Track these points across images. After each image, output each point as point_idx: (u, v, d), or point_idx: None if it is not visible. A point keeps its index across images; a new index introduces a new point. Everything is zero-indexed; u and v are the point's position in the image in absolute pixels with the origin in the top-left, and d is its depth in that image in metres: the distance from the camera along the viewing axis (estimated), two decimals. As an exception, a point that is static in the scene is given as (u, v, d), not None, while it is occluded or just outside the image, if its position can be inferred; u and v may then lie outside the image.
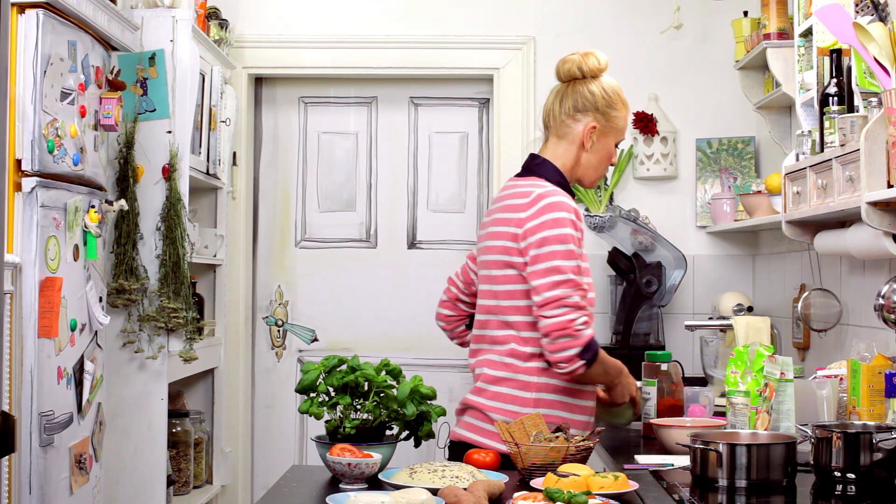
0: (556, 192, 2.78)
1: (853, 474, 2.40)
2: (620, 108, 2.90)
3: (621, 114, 2.90)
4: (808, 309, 3.55)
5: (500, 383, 2.80)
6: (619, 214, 4.39)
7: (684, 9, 4.57)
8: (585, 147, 2.88)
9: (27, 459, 2.81)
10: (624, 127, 2.93)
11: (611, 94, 2.88)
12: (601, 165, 2.92)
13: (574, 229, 2.74)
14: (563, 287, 2.68)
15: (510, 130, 4.67)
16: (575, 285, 2.69)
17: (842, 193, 2.87)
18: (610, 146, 2.92)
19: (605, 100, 2.87)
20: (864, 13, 2.88)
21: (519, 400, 2.78)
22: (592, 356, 2.69)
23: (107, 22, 3.23)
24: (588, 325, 2.69)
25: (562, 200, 2.76)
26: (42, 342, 2.85)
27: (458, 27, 4.72)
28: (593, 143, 2.87)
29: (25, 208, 2.82)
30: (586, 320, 2.69)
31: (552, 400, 2.78)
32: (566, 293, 2.68)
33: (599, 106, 2.87)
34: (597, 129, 2.87)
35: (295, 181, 4.90)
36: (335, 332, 4.86)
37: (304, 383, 2.68)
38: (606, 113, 2.87)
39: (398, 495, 2.16)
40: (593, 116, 2.87)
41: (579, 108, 2.87)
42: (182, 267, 3.66)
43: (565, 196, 2.79)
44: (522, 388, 2.78)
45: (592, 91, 2.87)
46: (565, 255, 2.70)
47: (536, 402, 2.77)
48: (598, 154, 2.90)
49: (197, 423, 4.20)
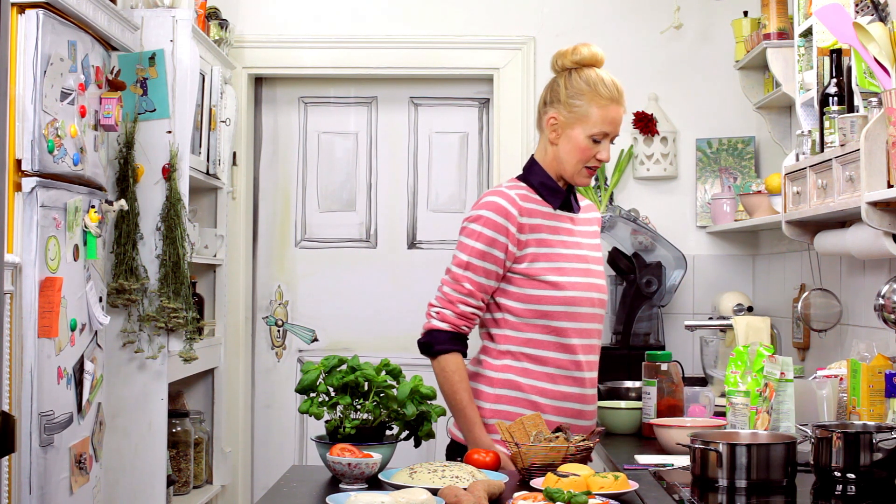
0: (496, 193, 2.83)
1: (853, 474, 2.40)
2: (590, 99, 2.79)
3: (589, 104, 2.79)
4: (808, 309, 3.55)
5: (473, 379, 2.85)
6: (619, 214, 4.39)
7: (684, 9, 4.57)
8: (550, 139, 2.86)
9: (27, 459, 2.81)
10: (596, 118, 2.79)
11: (578, 84, 2.80)
12: (572, 158, 2.82)
13: (492, 229, 2.77)
14: (446, 275, 2.83)
15: (510, 130, 4.67)
16: (453, 278, 2.80)
17: (842, 193, 2.87)
18: (578, 138, 2.81)
19: (568, 90, 2.81)
20: (864, 13, 2.88)
21: (483, 395, 2.82)
22: (424, 346, 2.80)
23: (107, 22, 3.23)
24: (442, 317, 2.78)
25: (492, 200, 2.80)
26: (42, 342, 2.85)
27: (458, 27, 4.72)
28: (557, 134, 2.83)
29: (25, 208, 2.82)
30: (441, 311, 2.78)
31: (515, 397, 2.79)
32: (444, 281, 2.83)
33: (562, 97, 2.82)
34: (558, 120, 2.83)
35: (295, 181, 4.90)
36: (335, 332, 4.86)
37: (304, 383, 2.68)
38: (568, 103, 2.81)
39: (398, 495, 2.15)
40: (556, 108, 2.83)
41: (546, 101, 2.87)
42: (182, 267, 3.66)
43: (504, 198, 2.80)
44: (488, 385, 2.82)
45: (559, 82, 2.85)
46: (462, 248, 2.81)
47: (497, 398, 2.80)
48: (565, 147, 2.83)
49: (197, 423, 4.20)
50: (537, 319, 2.79)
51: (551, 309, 2.78)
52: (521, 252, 2.78)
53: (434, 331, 2.79)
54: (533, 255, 2.78)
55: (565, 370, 2.81)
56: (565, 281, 2.79)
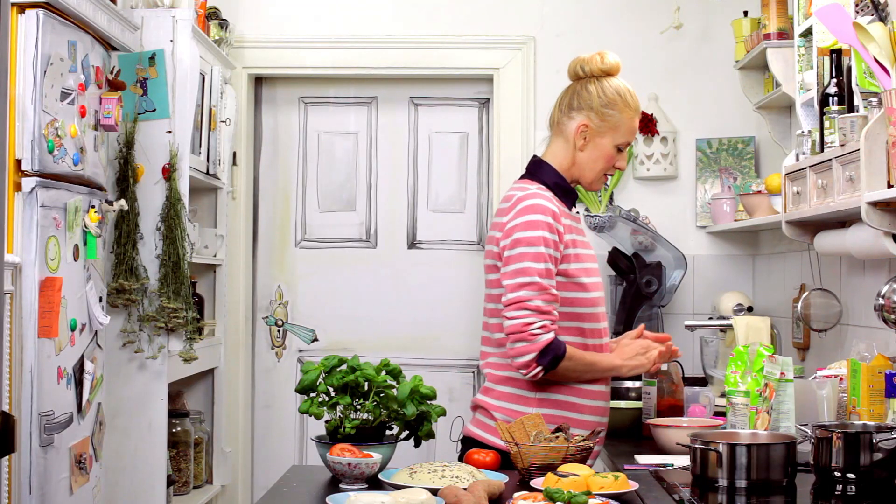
0: (535, 195, 2.79)
1: (853, 474, 2.40)
2: (621, 109, 2.84)
3: (620, 115, 2.84)
4: (808, 309, 3.55)
5: (505, 383, 2.82)
6: (619, 214, 4.38)
7: (684, 9, 4.57)
8: (577, 146, 2.86)
9: (27, 459, 2.81)
10: (625, 128, 2.86)
11: (610, 93, 2.85)
12: (596, 166, 2.87)
13: (549, 232, 2.74)
14: (527, 289, 2.70)
15: (510, 130, 4.67)
16: (539, 288, 2.70)
17: (842, 193, 2.87)
18: (606, 147, 2.86)
19: (601, 99, 2.84)
20: (864, 13, 2.88)
21: (523, 399, 2.79)
22: (551, 361, 2.70)
23: (107, 22, 3.23)
24: (547, 329, 2.69)
25: (538, 203, 2.76)
26: (42, 342, 2.85)
27: (458, 27, 4.72)
28: (585, 142, 2.85)
29: (25, 208, 2.82)
30: (545, 324, 2.69)
31: (557, 400, 2.79)
32: (528, 296, 2.70)
33: (594, 105, 2.84)
34: (589, 127, 2.84)
35: (295, 181, 4.90)
36: (335, 332, 4.86)
37: (304, 383, 2.68)
38: (601, 112, 2.84)
39: (398, 495, 2.16)
40: (587, 115, 2.84)
41: (574, 107, 2.87)
42: (182, 267, 3.66)
43: (545, 199, 2.78)
44: (526, 388, 2.79)
45: (589, 90, 2.86)
46: (534, 258, 2.72)
47: (540, 401, 2.78)
48: (591, 154, 2.86)
49: (197, 423, 4.20)
50: (569, 322, 2.79)
51: (582, 311, 2.80)
52: (565, 253, 2.78)
53: (550, 344, 2.70)
54: (570, 255, 2.79)
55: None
56: (590, 282, 2.82)
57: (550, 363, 2.70)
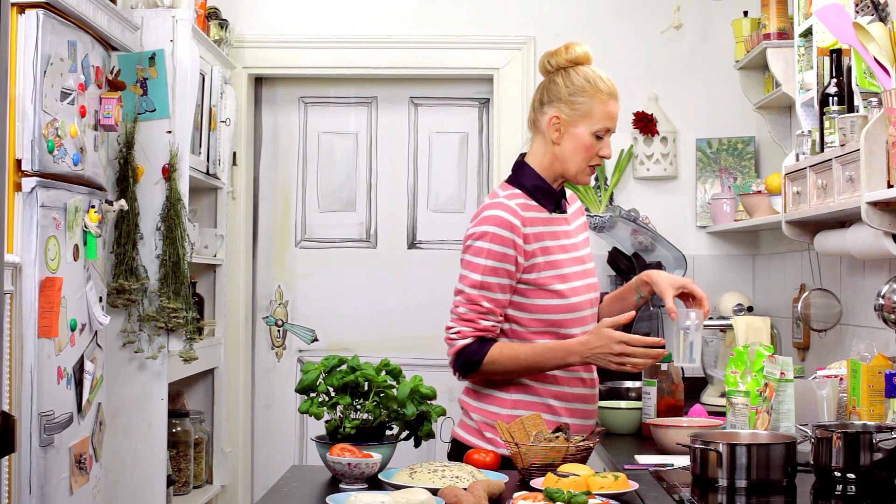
0: (496, 206, 2.77)
1: (853, 474, 2.40)
2: (591, 95, 2.76)
3: (591, 101, 2.76)
4: (808, 309, 3.55)
5: (482, 383, 2.83)
6: (619, 214, 4.38)
7: (684, 9, 4.57)
8: (553, 139, 2.80)
9: (27, 459, 2.81)
10: (599, 114, 2.77)
11: (577, 81, 2.78)
12: (577, 157, 2.79)
13: (499, 244, 2.72)
14: (458, 296, 2.78)
15: (510, 130, 4.67)
16: (466, 298, 2.74)
17: (842, 193, 2.87)
18: (582, 136, 2.78)
19: (568, 88, 2.78)
20: (864, 13, 2.88)
21: (498, 401, 2.80)
22: (463, 365, 2.75)
23: (107, 22, 3.23)
24: (463, 335, 2.73)
25: (495, 214, 2.75)
26: (42, 342, 2.85)
27: (458, 27, 4.72)
28: (559, 133, 2.79)
29: (25, 208, 2.82)
30: (461, 330, 2.73)
31: (531, 401, 2.78)
32: (456, 302, 2.77)
33: (562, 95, 2.78)
34: (560, 119, 2.78)
35: (295, 181, 4.90)
36: (335, 332, 4.86)
37: (304, 383, 2.68)
38: (570, 101, 2.77)
39: (398, 495, 2.16)
40: (556, 106, 2.79)
41: (545, 101, 2.82)
42: (182, 267, 3.66)
43: (505, 210, 2.75)
44: (501, 389, 2.80)
45: (556, 81, 2.80)
46: (472, 268, 2.75)
47: (515, 403, 2.79)
48: (568, 146, 2.79)
49: (197, 423, 4.20)
50: (545, 328, 2.78)
51: (558, 317, 2.78)
52: (529, 262, 2.75)
53: (462, 349, 2.74)
54: (538, 264, 2.76)
55: (574, 372, 2.81)
56: (568, 288, 2.79)
57: (463, 367, 2.76)
